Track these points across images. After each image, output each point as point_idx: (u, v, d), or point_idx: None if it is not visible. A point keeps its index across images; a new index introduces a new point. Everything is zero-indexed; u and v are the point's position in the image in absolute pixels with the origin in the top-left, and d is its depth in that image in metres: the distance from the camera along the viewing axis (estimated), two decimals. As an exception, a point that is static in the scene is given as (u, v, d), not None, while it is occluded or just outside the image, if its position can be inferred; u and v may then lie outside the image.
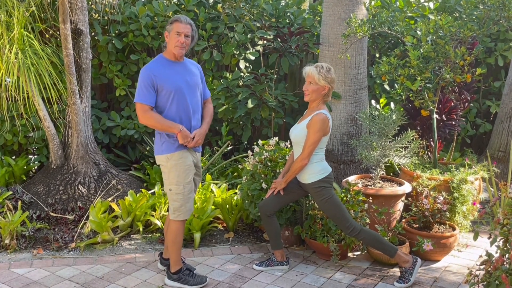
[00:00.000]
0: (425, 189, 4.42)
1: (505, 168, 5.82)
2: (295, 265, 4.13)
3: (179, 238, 3.71)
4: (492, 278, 2.70)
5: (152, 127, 3.59)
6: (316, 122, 3.65)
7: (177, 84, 3.55)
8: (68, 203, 4.88)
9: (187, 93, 3.60)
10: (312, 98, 3.72)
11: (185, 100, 3.58)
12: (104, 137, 5.85)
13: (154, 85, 3.50)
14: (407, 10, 6.19)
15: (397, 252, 3.80)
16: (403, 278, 3.79)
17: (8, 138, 5.45)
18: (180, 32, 3.52)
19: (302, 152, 3.69)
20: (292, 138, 3.84)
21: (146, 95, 3.50)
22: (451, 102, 5.11)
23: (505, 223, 2.78)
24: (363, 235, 3.78)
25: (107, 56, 5.72)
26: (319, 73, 3.64)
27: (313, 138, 3.65)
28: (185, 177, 3.60)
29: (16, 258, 4.15)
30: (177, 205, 3.62)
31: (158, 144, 3.62)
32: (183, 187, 3.60)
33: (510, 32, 6.34)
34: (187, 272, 3.77)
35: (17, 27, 4.56)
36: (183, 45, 3.55)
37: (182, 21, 3.54)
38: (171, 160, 3.58)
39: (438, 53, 4.46)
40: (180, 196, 3.61)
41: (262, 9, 5.97)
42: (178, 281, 3.74)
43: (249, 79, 5.70)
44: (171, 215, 3.67)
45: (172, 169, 3.58)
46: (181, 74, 3.62)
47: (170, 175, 3.60)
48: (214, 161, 5.63)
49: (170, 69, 3.58)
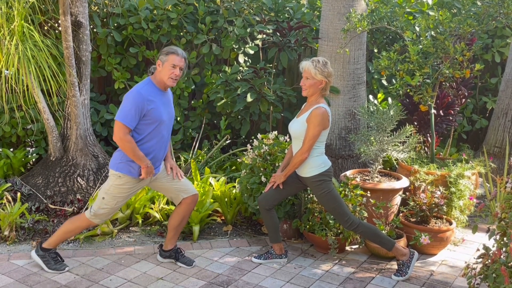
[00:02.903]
0: (423, 183, 4.46)
1: (501, 164, 5.87)
2: (293, 258, 4.16)
3: (74, 233, 3.90)
4: (489, 271, 2.74)
5: (124, 150, 3.56)
6: (315, 116, 3.67)
7: (162, 117, 3.62)
8: (67, 195, 4.89)
9: (166, 126, 3.70)
10: (310, 92, 3.74)
11: (162, 132, 3.67)
12: (102, 130, 5.85)
13: (143, 111, 3.52)
14: (406, 5, 6.21)
15: (395, 245, 3.84)
16: (400, 271, 3.83)
17: (7, 130, 5.44)
18: (176, 65, 3.58)
19: (302, 146, 3.71)
20: (291, 132, 3.86)
21: (133, 118, 3.50)
22: (448, 97, 5.14)
23: (503, 217, 2.82)
24: (361, 228, 3.81)
25: (106, 48, 5.72)
26: (315, 68, 3.67)
27: (313, 132, 3.67)
28: (123, 197, 3.73)
29: (15, 250, 4.17)
30: (101, 212, 3.73)
31: (117, 160, 3.66)
32: (115, 203, 3.72)
33: (508, 29, 6.37)
34: (53, 255, 3.85)
35: (17, 19, 4.55)
36: (177, 77, 3.62)
37: (179, 54, 3.61)
38: (121, 179, 3.65)
39: (437, 49, 4.49)
40: (108, 208, 3.72)
41: (261, 3, 5.97)
42: (41, 258, 3.84)
43: (248, 73, 5.71)
44: (88, 214, 3.76)
45: (117, 186, 3.67)
46: (166, 106, 3.70)
47: (111, 189, 3.68)
48: (213, 155, 5.65)
49: (160, 100, 3.64)
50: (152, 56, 5.78)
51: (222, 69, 5.92)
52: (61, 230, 3.82)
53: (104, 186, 3.76)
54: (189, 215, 3.95)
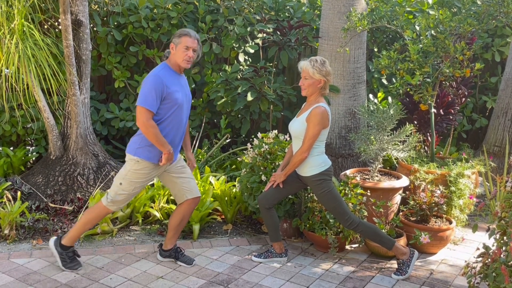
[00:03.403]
0: (423, 182, 4.46)
1: (500, 163, 5.87)
2: (293, 257, 4.17)
3: (94, 222, 3.83)
4: (489, 270, 2.74)
5: (147, 136, 3.55)
6: (315, 115, 3.67)
7: (181, 99, 3.62)
8: (67, 194, 4.89)
9: (184, 110, 3.69)
10: (309, 92, 3.75)
11: (181, 115, 3.66)
12: (102, 128, 5.85)
13: (164, 93, 3.52)
14: (406, 4, 6.21)
15: (395, 244, 3.84)
16: (400, 270, 3.84)
17: (7, 129, 5.44)
18: (189, 46, 3.58)
19: (302, 146, 3.72)
20: (291, 131, 3.87)
21: (154, 101, 3.49)
22: (449, 96, 5.14)
23: (503, 216, 2.82)
24: (361, 227, 3.82)
25: (106, 47, 5.72)
26: (313, 67, 3.68)
27: (313, 131, 3.68)
28: (141, 182, 3.70)
29: (15, 249, 4.17)
30: (119, 199, 3.71)
31: (135, 144, 3.65)
32: (133, 189, 3.70)
33: (508, 28, 6.37)
34: (70, 255, 3.83)
35: (17, 18, 4.55)
36: (191, 59, 3.61)
37: (192, 35, 3.60)
38: (140, 164, 3.63)
39: (438, 48, 4.49)
40: (125, 194, 3.70)
41: (262, 2, 5.97)
42: (59, 254, 3.82)
43: (248, 72, 5.71)
44: (105, 201, 3.74)
45: (135, 171, 3.65)
46: (184, 88, 3.70)
47: (129, 174, 3.67)
48: (213, 154, 5.65)
49: (177, 82, 3.64)
50: (152, 55, 5.78)
51: (222, 68, 5.92)
52: (80, 223, 3.81)
53: (121, 171, 3.72)
54: (189, 215, 3.95)
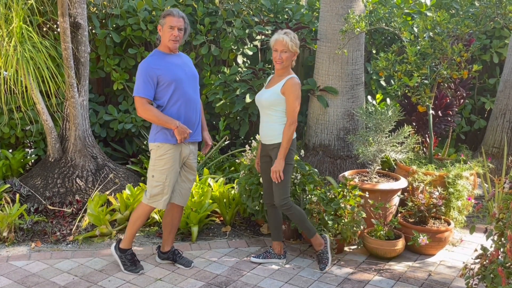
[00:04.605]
0: (421, 184, 4.47)
1: (499, 164, 5.88)
2: (292, 258, 4.17)
3: (140, 221, 3.81)
4: (487, 272, 2.75)
5: (150, 121, 3.66)
6: (293, 86, 3.73)
7: (177, 75, 3.62)
8: (66, 196, 4.89)
9: (187, 85, 3.67)
10: (285, 65, 3.78)
11: (186, 91, 3.65)
12: (101, 131, 5.85)
13: (154, 77, 3.56)
14: (404, 6, 6.22)
15: (316, 234, 3.97)
16: (323, 261, 3.96)
17: (5, 131, 5.44)
18: (173, 26, 3.59)
19: (288, 119, 3.74)
20: (261, 102, 3.83)
21: (145, 88, 3.55)
22: (447, 98, 5.15)
23: (501, 218, 2.83)
24: (293, 210, 3.88)
25: (105, 50, 5.72)
26: (291, 40, 3.72)
27: (294, 104, 3.74)
28: (171, 168, 3.67)
29: (14, 251, 4.17)
30: (155, 192, 3.70)
31: (153, 132, 3.70)
32: (165, 177, 3.68)
33: (506, 30, 6.39)
34: (129, 257, 3.85)
35: (16, 20, 4.55)
36: (177, 38, 3.62)
37: (175, 14, 3.60)
38: (161, 149, 3.65)
39: (435, 50, 4.50)
40: (160, 184, 3.69)
41: (260, 4, 5.98)
42: (119, 258, 3.87)
43: (247, 74, 5.72)
44: (145, 199, 3.75)
45: (160, 157, 3.66)
46: (179, 65, 3.70)
47: (156, 163, 3.68)
48: (212, 156, 5.65)
49: (168, 61, 3.65)
50: (151, 57, 5.78)
51: (221, 70, 5.93)
52: (129, 224, 3.84)
53: (149, 165, 3.74)
54: (178, 218, 3.97)
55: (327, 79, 5.46)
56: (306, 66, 6.40)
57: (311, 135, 5.67)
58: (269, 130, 3.83)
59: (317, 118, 5.57)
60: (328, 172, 5.41)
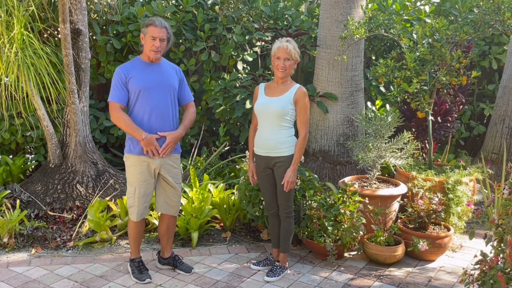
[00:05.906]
0: (421, 190, 4.47)
1: (498, 170, 5.89)
2: (292, 264, 4.17)
3: (132, 233, 3.82)
4: (487, 277, 2.75)
5: (119, 126, 3.67)
6: (305, 96, 3.76)
7: (145, 83, 3.59)
8: (66, 202, 4.90)
9: (157, 93, 3.62)
10: (288, 73, 3.78)
11: (151, 100, 3.60)
12: (101, 136, 5.86)
13: (124, 83, 3.59)
14: (403, 13, 6.25)
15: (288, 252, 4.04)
16: (276, 272, 3.94)
17: (6, 137, 5.46)
18: (155, 36, 3.56)
19: (302, 130, 3.75)
20: (272, 110, 3.72)
21: (117, 93, 3.59)
22: (446, 104, 5.17)
23: (500, 223, 2.84)
24: (292, 220, 3.93)
25: (105, 56, 5.75)
26: (294, 48, 3.74)
27: (307, 114, 3.78)
28: (137, 181, 3.65)
29: (14, 257, 4.17)
30: (129, 203, 3.74)
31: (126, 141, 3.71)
32: (133, 189, 3.68)
33: (504, 36, 6.41)
34: (137, 265, 3.87)
35: (17, 27, 4.58)
36: (158, 49, 3.60)
37: (157, 25, 3.56)
38: (128, 160, 3.67)
39: (434, 56, 4.52)
40: (130, 196, 3.70)
41: (260, 11, 6.01)
42: (129, 265, 3.94)
43: (247, 80, 5.74)
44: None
45: (128, 170, 3.69)
46: (154, 74, 3.65)
47: (127, 174, 3.71)
48: (212, 162, 5.67)
49: (143, 69, 3.64)
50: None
51: (221, 76, 5.95)
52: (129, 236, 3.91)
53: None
54: (173, 227, 3.98)
55: (326, 85, 5.47)
56: (306, 72, 6.42)
57: (311, 141, 5.68)
58: (278, 143, 3.75)
59: (317, 124, 5.59)
60: (328, 178, 5.42)
